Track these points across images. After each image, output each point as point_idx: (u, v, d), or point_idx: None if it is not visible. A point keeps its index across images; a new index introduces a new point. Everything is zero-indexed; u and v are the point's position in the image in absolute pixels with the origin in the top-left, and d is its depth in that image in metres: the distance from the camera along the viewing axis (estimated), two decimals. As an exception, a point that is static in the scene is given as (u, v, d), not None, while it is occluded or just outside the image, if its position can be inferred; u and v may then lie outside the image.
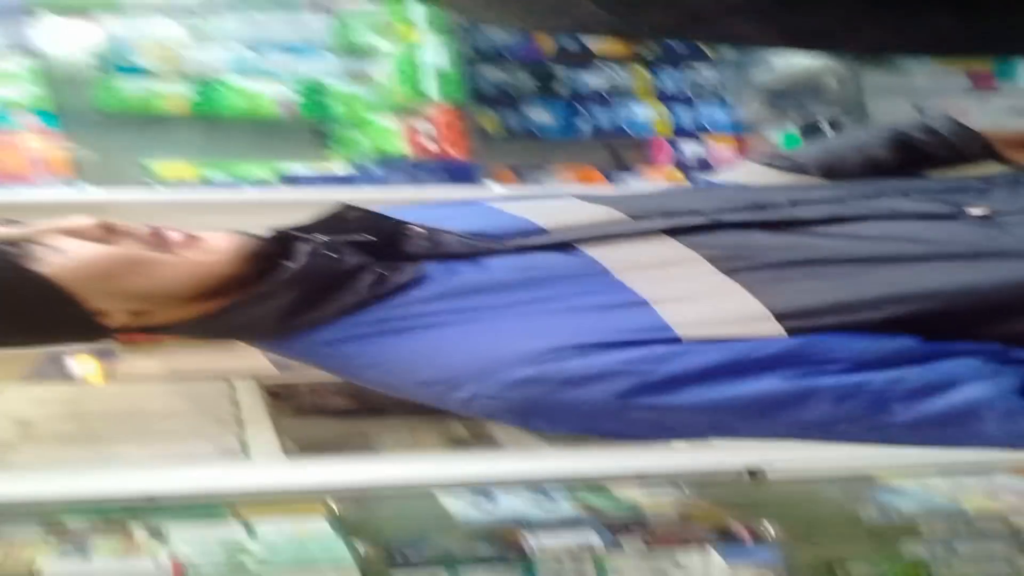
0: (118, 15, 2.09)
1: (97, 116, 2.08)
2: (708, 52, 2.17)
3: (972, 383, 0.77)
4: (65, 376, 2.06)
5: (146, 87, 2.08)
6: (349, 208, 0.90)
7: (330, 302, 0.88)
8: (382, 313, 0.87)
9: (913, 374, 0.78)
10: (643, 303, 0.82)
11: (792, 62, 2.13)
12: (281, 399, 2.08)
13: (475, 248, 0.89)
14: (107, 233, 0.84)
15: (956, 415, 0.77)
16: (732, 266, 0.84)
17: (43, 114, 2.04)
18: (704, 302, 0.82)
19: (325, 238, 0.89)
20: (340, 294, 0.87)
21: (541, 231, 0.90)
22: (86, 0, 2.10)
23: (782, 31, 1.15)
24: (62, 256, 0.82)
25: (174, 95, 2.10)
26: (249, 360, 2.01)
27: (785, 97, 2.05)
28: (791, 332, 0.80)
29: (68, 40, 2.09)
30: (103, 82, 2.07)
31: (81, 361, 2.07)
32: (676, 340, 0.79)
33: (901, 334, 0.80)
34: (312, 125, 2.13)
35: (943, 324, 0.81)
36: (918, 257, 0.85)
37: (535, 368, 0.79)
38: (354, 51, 2.11)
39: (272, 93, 2.10)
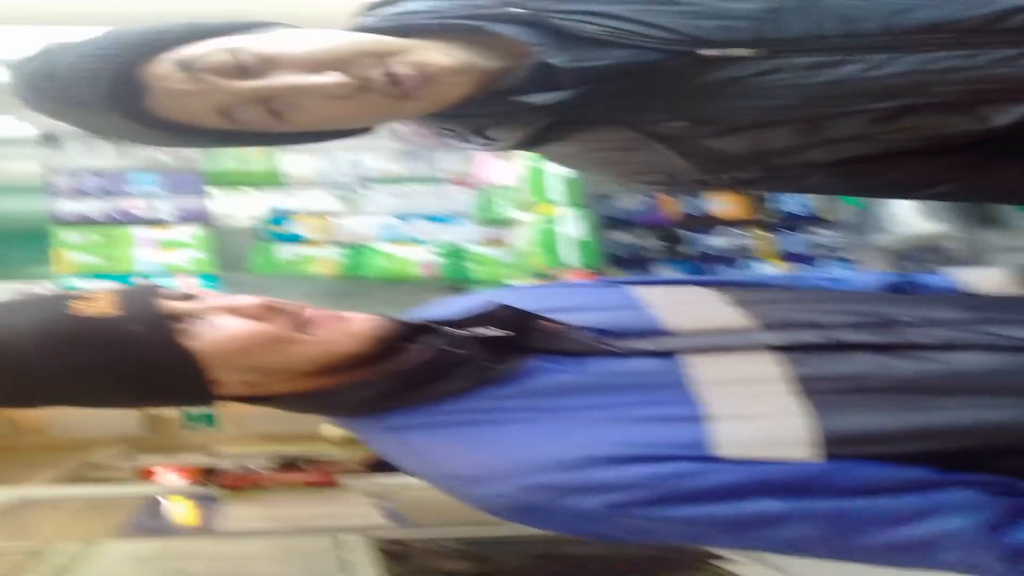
0: (281, 189, 2.30)
1: (253, 279, 2.26)
2: (825, 216, 2.29)
3: (953, 514, 0.80)
4: (162, 529, 2.02)
5: (299, 252, 2.26)
6: (503, 308, 0.91)
7: (421, 390, 0.89)
8: (469, 404, 0.88)
9: (904, 503, 0.81)
10: (699, 419, 0.83)
11: (909, 225, 2.22)
12: (393, 559, 2.04)
13: (588, 348, 0.90)
14: (267, 312, 0.87)
15: (922, 543, 0.80)
16: (812, 388, 0.84)
17: (205, 277, 2.21)
18: (759, 423, 0.83)
19: (457, 332, 0.89)
20: (433, 384, 0.89)
21: (661, 332, 0.92)
22: (253, 175, 2.32)
23: (857, 186, 1.24)
24: (212, 331, 0.85)
25: (325, 259, 2.26)
26: (357, 512, 2.02)
27: (908, 258, 2.12)
28: (827, 457, 0.81)
29: (234, 210, 2.31)
30: (262, 248, 2.25)
31: (179, 511, 2.03)
32: (706, 458, 0.81)
33: (922, 464, 0.82)
34: (453, 285, 2.26)
35: (976, 456, 0.83)
36: (991, 391, 0.86)
37: (552, 476, 0.82)
38: (494, 221, 2.26)
39: (415, 256, 2.26)
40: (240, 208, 2.31)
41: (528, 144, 1.03)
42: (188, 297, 0.88)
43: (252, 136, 1.00)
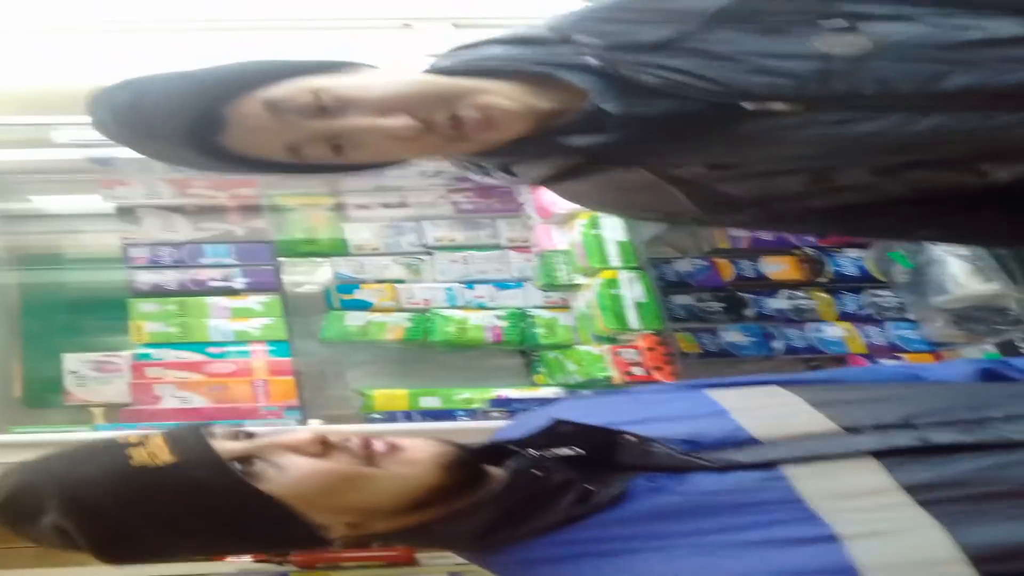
0: (348, 257, 2.36)
1: (322, 346, 2.31)
2: (879, 276, 2.33)
3: None
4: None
5: (369, 319, 2.31)
6: (561, 423, 0.91)
7: (531, 520, 0.88)
8: (582, 534, 0.86)
9: None
10: (832, 539, 0.79)
11: (963, 286, 2.24)
12: None
13: (684, 464, 0.88)
14: (323, 447, 0.88)
15: None
16: (931, 497, 0.82)
17: (276, 344, 2.27)
18: (895, 540, 0.79)
19: (535, 453, 0.90)
20: (542, 513, 0.87)
21: (751, 442, 0.90)
22: (321, 244, 2.39)
23: (850, 231, 1.30)
24: (283, 473, 0.86)
25: (393, 325, 2.31)
26: None
27: (970, 319, 2.14)
28: None
29: (303, 279, 2.38)
30: (333, 316, 2.30)
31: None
32: None
33: None
34: (519, 349, 2.30)
35: None
36: None
37: None
38: (557, 286, 2.29)
39: (481, 321, 2.30)
40: (308, 277, 2.37)
41: (547, 181, 1.08)
42: (238, 435, 0.89)
43: (307, 168, 1.04)
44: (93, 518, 0.85)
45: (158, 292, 2.27)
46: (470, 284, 2.36)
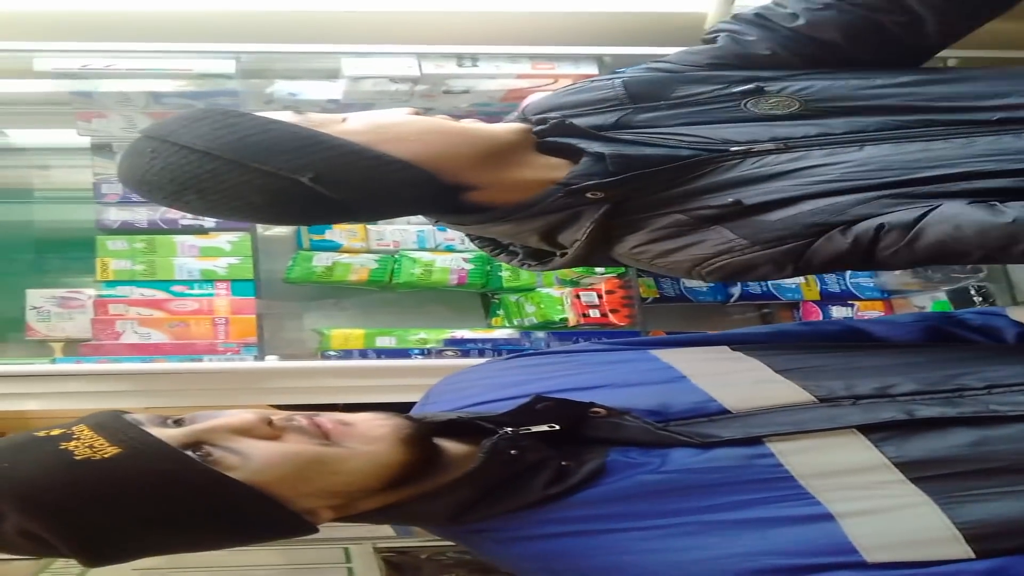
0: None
1: (287, 287, 2.29)
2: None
3: None
4: None
5: (334, 259, 2.28)
6: (539, 399, 0.90)
7: (506, 499, 0.86)
8: (560, 513, 0.85)
9: None
10: (828, 517, 0.79)
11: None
12: (398, 570, 2.03)
13: (661, 439, 0.86)
14: (272, 429, 0.85)
15: None
16: (922, 474, 0.81)
17: (242, 283, 2.25)
18: (890, 518, 0.79)
19: (508, 431, 0.88)
20: (518, 492, 0.86)
21: (723, 413, 0.88)
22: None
23: None
24: (247, 460, 0.82)
25: (357, 266, 2.28)
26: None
27: (928, 266, 2.04)
28: (980, 554, 0.76)
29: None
30: (301, 256, 2.28)
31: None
32: (862, 565, 0.76)
33: None
34: (482, 292, 2.26)
35: None
36: None
37: None
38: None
39: (446, 263, 2.26)
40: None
41: (600, 246, 1.06)
42: (165, 421, 0.85)
43: None
44: (57, 517, 0.80)
45: (127, 230, 2.28)
46: (442, 227, 2.31)
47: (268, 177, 0.97)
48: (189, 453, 0.81)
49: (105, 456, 0.79)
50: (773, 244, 1.02)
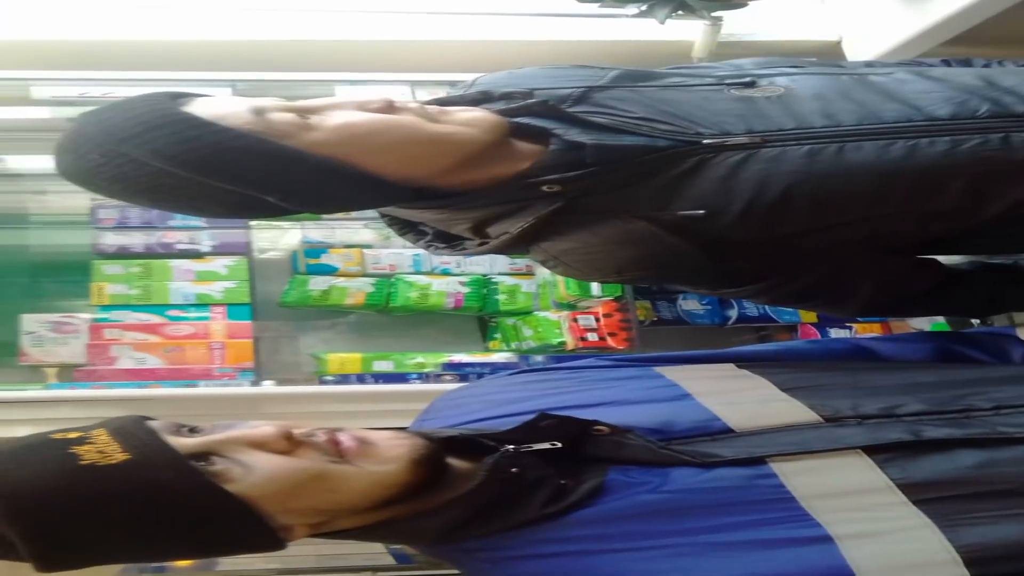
0: (320, 222, 2.33)
1: (283, 310, 2.28)
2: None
3: None
4: (163, 567, 2.07)
5: (331, 283, 2.28)
6: (544, 417, 0.88)
7: (503, 518, 0.85)
8: (558, 532, 0.83)
9: None
10: (828, 540, 0.77)
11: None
12: None
13: (663, 459, 0.85)
14: (289, 443, 0.83)
15: None
16: (924, 496, 0.80)
17: (238, 307, 2.25)
18: (889, 541, 0.78)
19: (510, 449, 0.86)
20: (515, 510, 0.84)
21: (727, 432, 0.87)
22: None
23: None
24: (250, 473, 0.81)
25: (354, 290, 2.28)
26: (366, 551, 2.06)
27: None
28: None
29: (272, 244, 2.35)
30: (297, 280, 2.27)
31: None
32: None
33: None
34: (480, 316, 2.25)
35: None
36: None
37: None
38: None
39: (442, 286, 2.26)
40: (277, 241, 2.36)
41: (528, 239, 1.03)
42: (180, 430, 0.83)
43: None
44: (40, 525, 0.77)
45: (123, 254, 2.28)
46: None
47: (229, 194, 0.94)
48: (195, 464, 0.80)
49: (112, 462, 0.77)
50: (723, 257, 1.03)
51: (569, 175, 0.99)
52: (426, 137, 0.99)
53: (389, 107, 0.99)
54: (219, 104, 0.97)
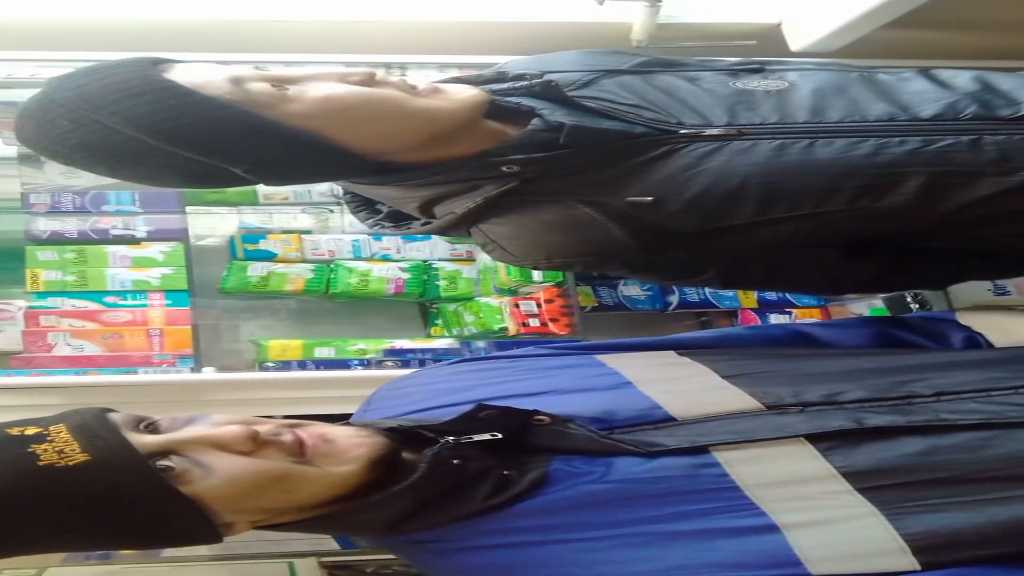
0: (257, 207, 2.31)
1: (221, 296, 2.25)
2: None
3: None
4: (111, 554, 1.97)
5: (270, 269, 2.27)
6: (482, 407, 0.88)
7: (447, 510, 0.85)
8: (502, 523, 0.84)
9: None
10: (774, 529, 0.78)
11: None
12: None
13: (602, 447, 0.85)
14: (255, 445, 0.82)
15: None
16: (869, 484, 0.80)
17: (175, 294, 2.22)
18: (836, 529, 0.78)
19: (450, 440, 0.86)
20: (459, 502, 0.85)
21: (669, 420, 0.87)
22: (230, 194, 2.34)
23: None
24: (210, 474, 0.80)
25: (293, 276, 2.27)
26: (310, 537, 2.01)
27: None
28: (926, 566, 0.76)
29: (209, 229, 2.33)
30: (235, 266, 2.26)
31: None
32: None
33: None
34: (420, 303, 2.27)
35: None
36: None
37: None
38: (464, 238, 2.27)
39: (382, 272, 2.26)
40: (216, 227, 2.33)
41: (471, 220, 1.04)
42: (139, 424, 0.82)
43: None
44: None
45: (56, 240, 2.23)
46: (378, 236, 2.32)
47: (195, 164, 0.92)
48: (155, 465, 0.79)
49: (70, 464, 0.75)
50: (656, 248, 1.05)
51: (535, 156, 0.99)
52: (407, 112, 0.99)
53: (371, 79, 0.98)
54: (199, 71, 0.95)
